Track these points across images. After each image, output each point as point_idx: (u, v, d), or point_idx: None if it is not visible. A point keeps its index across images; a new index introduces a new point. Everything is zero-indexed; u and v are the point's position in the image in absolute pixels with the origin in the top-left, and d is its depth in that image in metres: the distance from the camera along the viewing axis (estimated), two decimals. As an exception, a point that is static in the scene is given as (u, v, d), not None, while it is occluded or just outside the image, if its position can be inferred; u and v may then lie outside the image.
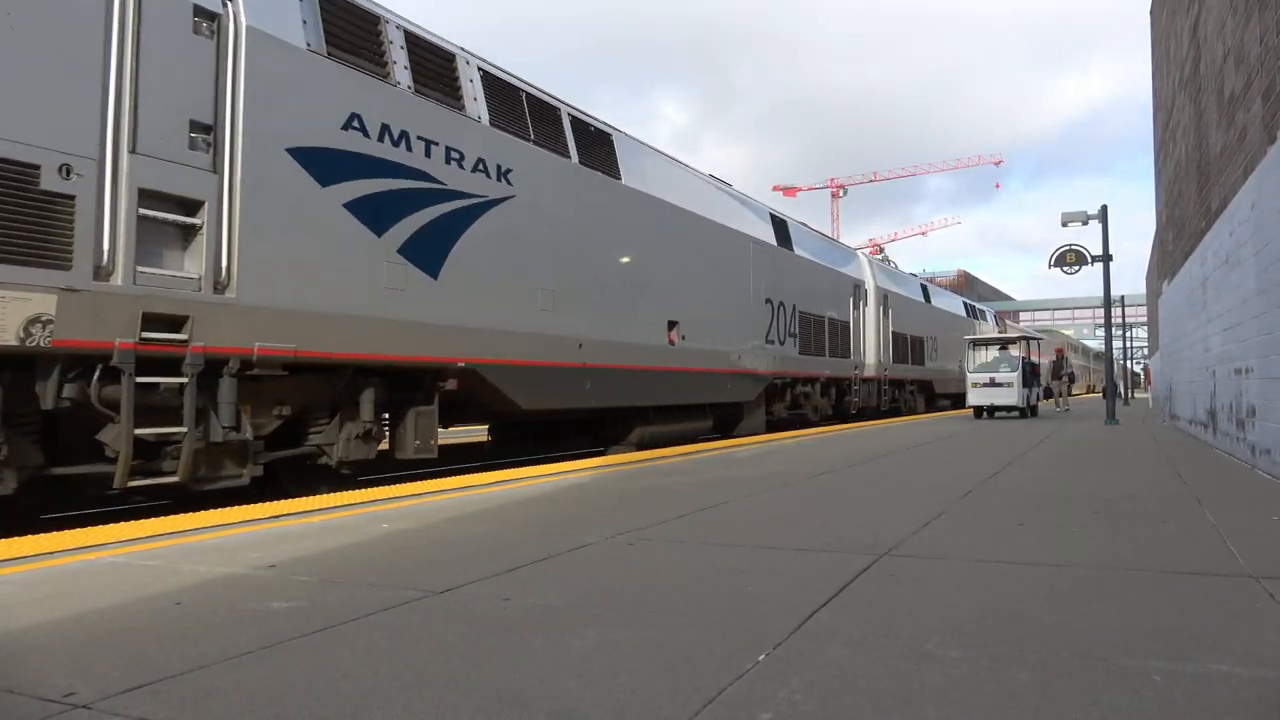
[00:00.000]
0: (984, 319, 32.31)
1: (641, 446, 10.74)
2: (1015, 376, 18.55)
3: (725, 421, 13.60)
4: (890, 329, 20.69)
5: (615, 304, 10.19)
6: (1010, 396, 18.56)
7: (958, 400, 26.93)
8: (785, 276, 15.00)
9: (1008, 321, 38.47)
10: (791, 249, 15.63)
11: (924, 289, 25.21)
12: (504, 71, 9.00)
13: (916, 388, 23.30)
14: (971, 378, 19.36)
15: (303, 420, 6.87)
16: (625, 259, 10.57)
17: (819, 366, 16.40)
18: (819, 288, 16.77)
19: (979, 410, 19.08)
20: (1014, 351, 20.07)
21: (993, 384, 18.78)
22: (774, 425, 14.92)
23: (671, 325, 11.40)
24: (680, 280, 11.75)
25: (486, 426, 11.85)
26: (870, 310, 19.70)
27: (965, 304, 30.68)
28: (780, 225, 15.54)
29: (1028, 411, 19.23)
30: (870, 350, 19.44)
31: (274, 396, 6.45)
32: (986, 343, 21.69)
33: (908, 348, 22.11)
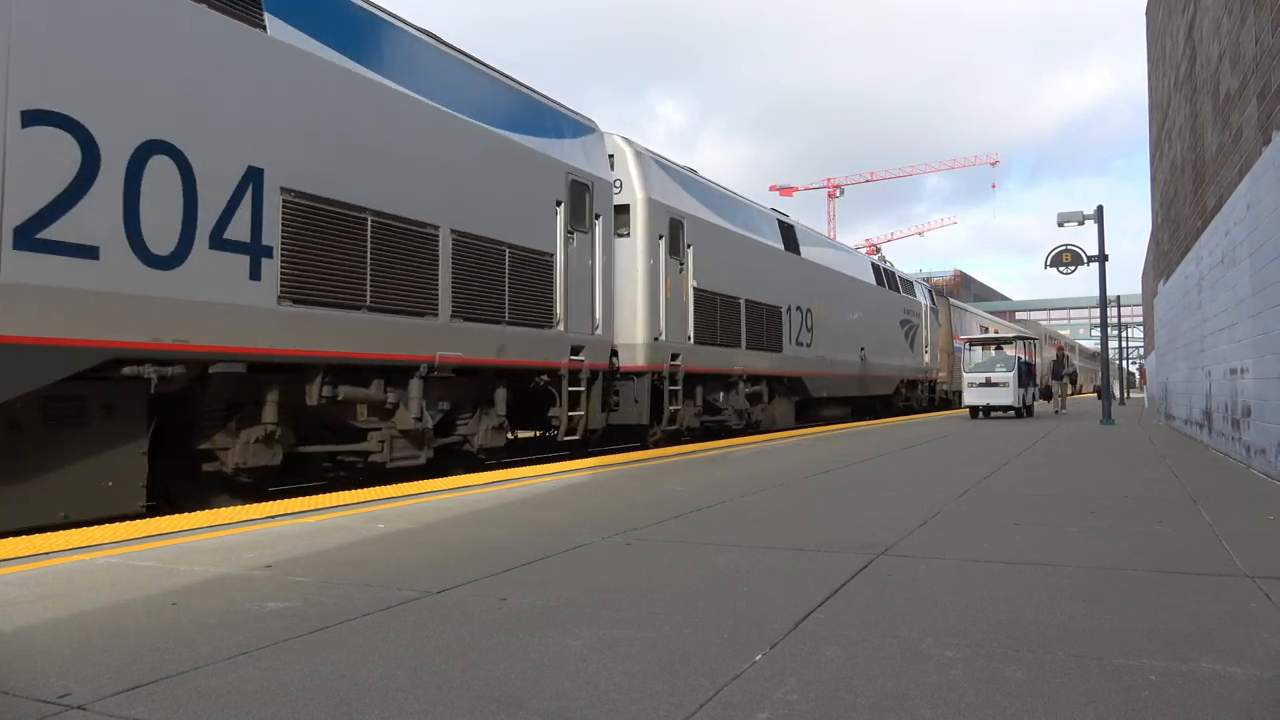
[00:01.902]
0: (913, 293, 23.83)
1: None
2: (1011, 376, 18.59)
3: None
4: (691, 284, 11.93)
5: None
6: (1006, 396, 18.59)
7: (863, 409, 20.13)
8: (242, 96, 5.91)
9: (952, 302, 30.47)
10: (299, 39, 6.40)
11: (784, 229, 15.55)
12: None
13: (768, 387, 14.39)
14: (967, 377, 19.30)
15: None
16: None
17: (418, 343, 7.32)
18: (424, 158, 7.49)
19: (974, 410, 19.10)
20: (1010, 351, 20.13)
21: (988, 384, 18.77)
22: (234, 485, 6.28)
23: None
24: None
25: None
26: (637, 244, 10.91)
27: (879, 268, 21.35)
28: None
29: (1023, 411, 19.24)
30: (639, 320, 10.78)
31: None
32: (984, 342, 21.76)
33: (739, 322, 13.26)
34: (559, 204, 9.23)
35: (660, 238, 11.30)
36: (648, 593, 3.01)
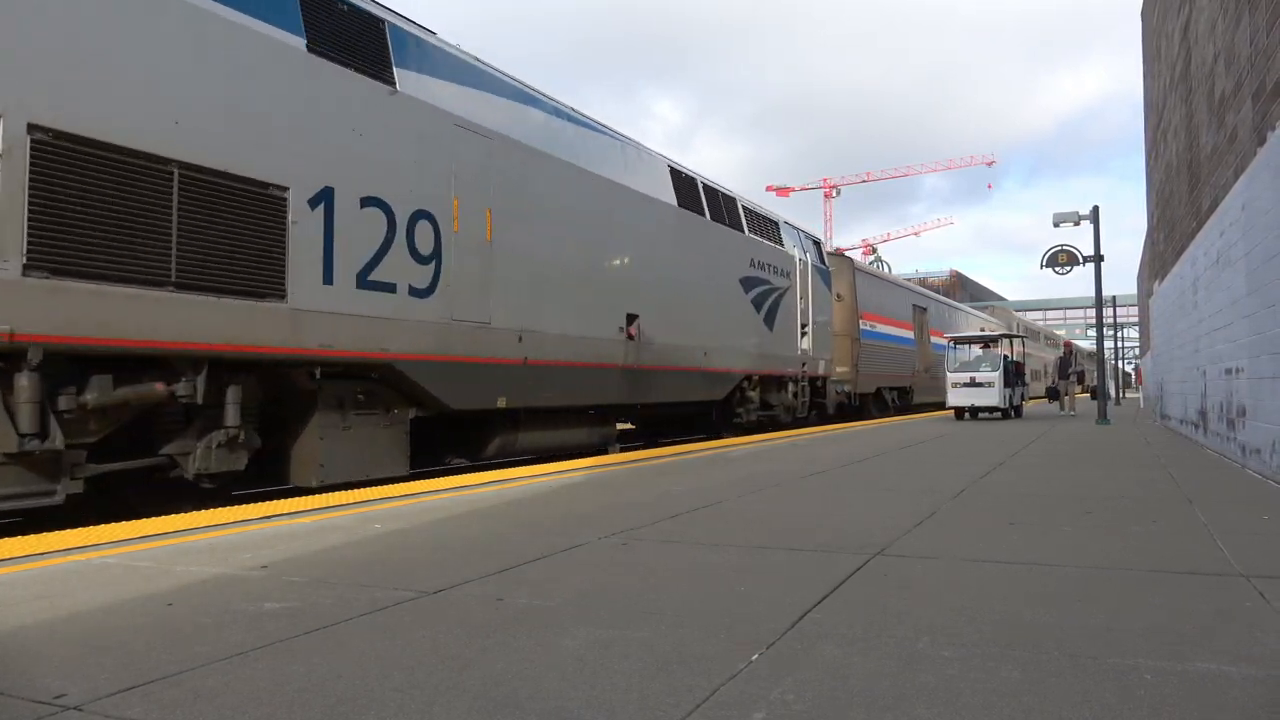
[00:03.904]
0: (777, 240, 15.06)
1: None
2: (996, 376, 18.00)
3: None
4: None
5: None
6: (991, 397, 17.98)
7: (661, 425, 13.92)
8: None
9: (859, 266, 21.87)
10: None
11: (311, 3, 6.55)
12: None
13: (242, 389, 5.98)
14: (951, 377, 18.60)
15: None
16: None
17: None
18: None
19: (959, 411, 18.45)
20: (996, 349, 19.54)
21: (973, 384, 18.13)
22: None
23: None
24: None
25: None
26: None
27: (692, 179, 12.45)
28: None
29: (1010, 412, 18.65)
30: None
31: None
32: (969, 340, 20.95)
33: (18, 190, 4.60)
34: None
35: None
36: (644, 593, 3.01)
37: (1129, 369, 61.18)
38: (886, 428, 15.04)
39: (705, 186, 12.86)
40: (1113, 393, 34.47)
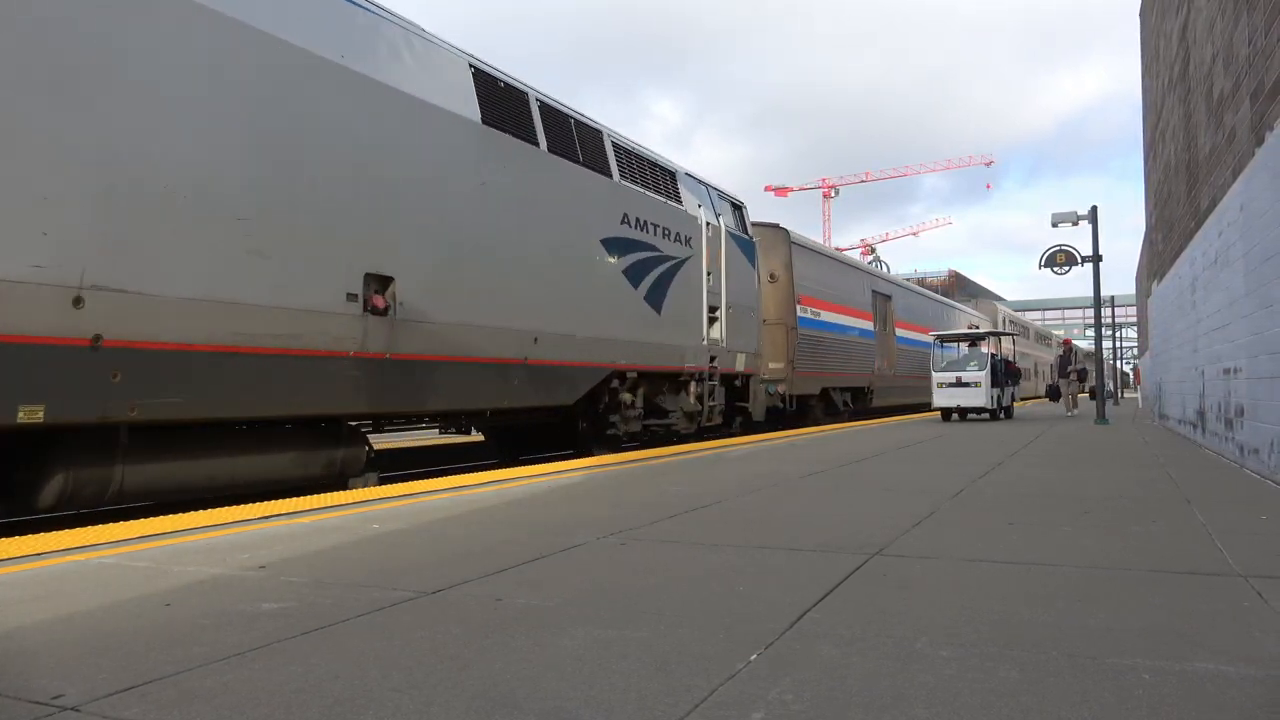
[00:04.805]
0: (673, 196, 11.61)
1: None
2: (983, 375, 17.41)
3: None
4: None
5: None
6: (978, 397, 17.38)
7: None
8: None
9: (796, 240, 17.50)
10: None
11: None
12: None
13: None
14: (937, 377, 17.96)
15: None
16: None
17: None
18: None
19: (946, 413, 17.85)
20: (984, 348, 18.95)
21: (959, 384, 17.53)
22: None
23: None
24: None
25: None
26: None
27: (494, 79, 8.41)
28: None
29: (1000, 413, 18.05)
30: None
31: None
32: (955, 338, 20.41)
33: None
34: None
35: None
36: (643, 592, 3.01)
37: (1128, 369, 61.24)
38: (885, 428, 15.04)
39: (544, 106, 9.15)
40: (1112, 388, 34.34)
